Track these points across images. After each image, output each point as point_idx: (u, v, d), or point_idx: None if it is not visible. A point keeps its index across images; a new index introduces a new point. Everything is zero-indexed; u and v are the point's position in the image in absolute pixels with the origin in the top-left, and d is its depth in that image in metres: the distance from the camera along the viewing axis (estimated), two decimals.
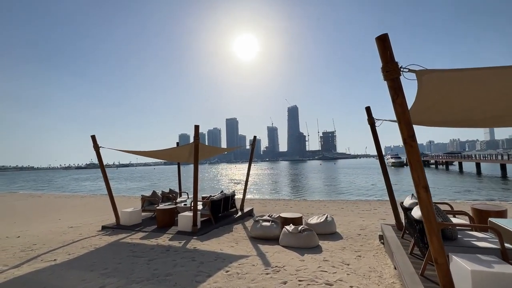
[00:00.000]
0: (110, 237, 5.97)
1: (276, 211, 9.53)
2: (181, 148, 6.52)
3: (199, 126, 5.75)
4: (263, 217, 6.22)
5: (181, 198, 9.18)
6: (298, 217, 5.99)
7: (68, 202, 15.07)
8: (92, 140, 6.83)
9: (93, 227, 7.29)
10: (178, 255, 4.46)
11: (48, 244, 5.53)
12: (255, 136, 8.92)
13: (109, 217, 8.44)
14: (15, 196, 20.18)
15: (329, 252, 4.53)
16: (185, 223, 6.20)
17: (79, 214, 10.14)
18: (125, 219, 7.01)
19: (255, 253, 4.53)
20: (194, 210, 6.04)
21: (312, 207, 10.79)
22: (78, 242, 5.58)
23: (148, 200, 8.03)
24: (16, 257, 4.75)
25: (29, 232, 6.94)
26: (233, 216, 7.73)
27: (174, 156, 7.53)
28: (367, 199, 14.41)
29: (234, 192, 8.06)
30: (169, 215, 6.78)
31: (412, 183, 2.21)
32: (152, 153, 6.98)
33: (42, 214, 10.63)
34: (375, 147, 5.41)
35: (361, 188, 20.03)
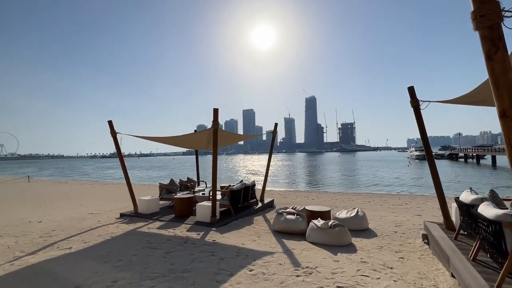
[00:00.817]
0: (128, 225, 5.77)
1: (297, 203, 9.01)
2: (199, 134, 6.12)
3: (218, 110, 5.28)
4: (287, 209, 5.73)
5: (199, 187, 8.91)
6: (326, 210, 5.43)
7: (91, 188, 15.48)
8: (109, 126, 6.61)
9: (112, 214, 7.19)
10: (196, 248, 4.10)
11: (67, 231, 5.42)
12: (276, 124, 8.34)
13: (128, 204, 8.35)
14: (44, 182, 21.20)
15: (365, 252, 3.96)
16: (203, 213, 5.86)
17: (101, 201, 10.23)
18: (143, 207, 6.81)
19: (281, 249, 4.06)
20: (213, 200, 5.67)
21: (336, 200, 10.15)
22: (95, 230, 5.42)
23: (166, 189, 7.80)
24: (34, 243, 4.63)
25: (51, 218, 6.96)
26: (253, 207, 7.32)
27: (192, 143, 7.17)
28: (395, 192, 13.46)
29: (254, 182, 7.62)
30: (187, 204, 6.48)
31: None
32: (169, 139, 6.66)
33: (66, 200, 10.86)
34: (419, 134, 4.66)
35: (385, 181, 18.93)
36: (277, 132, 8.20)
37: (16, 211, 8.21)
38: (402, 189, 14.93)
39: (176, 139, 6.66)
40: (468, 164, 36.53)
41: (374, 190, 14.45)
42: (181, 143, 7.17)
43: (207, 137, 6.41)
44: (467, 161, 41.50)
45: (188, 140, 6.75)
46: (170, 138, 6.57)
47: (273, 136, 8.27)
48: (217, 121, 5.30)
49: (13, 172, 39.57)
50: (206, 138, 6.53)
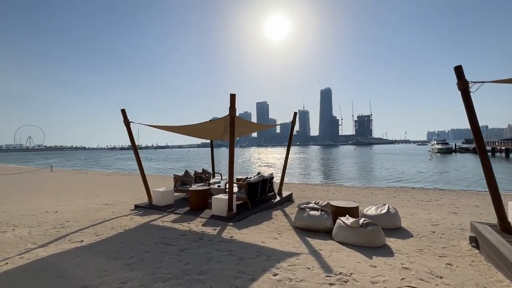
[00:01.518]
0: (141, 217, 5.55)
1: (316, 198, 8.53)
2: (215, 123, 5.72)
3: (235, 95, 4.84)
4: (309, 204, 5.27)
5: (214, 179, 8.61)
6: (354, 207, 4.91)
7: (109, 179, 15.74)
8: (122, 114, 6.36)
9: (127, 205, 7.04)
10: (212, 246, 3.75)
11: (80, 222, 5.27)
12: (295, 113, 7.81)
13: (143, 195, 8.22)
14: (66, 172, 21.95)
15: (404, 256, 3.45)
16: (219, 206, 5.52)
17: (117, 192, 10.24)
18: (157, 199, 6.59)
19: (306, 249, 3.63)
20: (230, 192, 5.30)
21: (357, 195, 9.55)
22: (108, 222, 5.23)
23: (181, 180, 7.55)
24: (47, 234, 4.49)
25: (67, 208, 6.91)
26: (271, 201, 6.91)
27: (207, 132, 6.81)
28: (418, 187, 12.59)
29: (272, 175, 7.19)
30: (202, 197, 6.17)
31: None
32: (184, 129, 6.33)
33: (85, 190, 10.99)
34: (468, 120, 3.99)
35: (406, 175, 17.90)
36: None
37: (35, 200, 8.31)
38: (426, 184, 13.98)
39: (191, 128, 6.31)
40: (496, 158, 34.12)
41: (397, 185, 13.62)
42: (196, 132, 6.83)
43: (224, 125, 6.01)
44: (495, 155, 38.82)
45: (204, 129, 6.39)
46: (185, 127, 6.24)
47: (292, 126, 7.76)
48: (234, 108, 4.87)
49: (39, 163, 41.55)
50: (222, 127, 6.14)
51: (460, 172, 19.16)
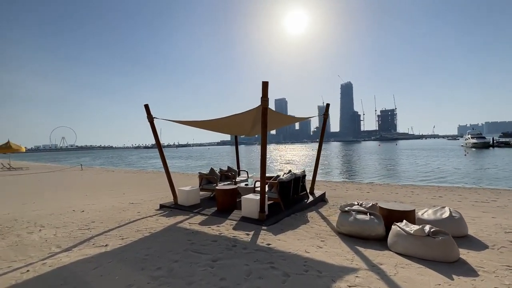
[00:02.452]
0: (167, 219, 5.20)
1: (350, 197, 7.80)
2: (244, 115, 5.19)
3: (268, 83, 4.27)
4: (353, 206, 4.61)
5: (240, 177, 8.15)
6: (410, 210, 4.16)
7: (134, 177, 15.93)
8: (146, 110, 6.05)
9: (152, 204, 6.78)
10: (249, 255, 3.25)
11: (106, 223, 5.02)
12: (328, 104, 7.10)
13: (168, 194, 7.96)
14: (95, 170, 22.76)
15: (493, 275, 2.71)
16: (250, 208, 5.02)
17: (142, 190, 10.15)
18: (183, 198, 6.25)
19: (363, 264, 3.00)
20: (262, 192, 4.77)
21: (396, 194, 8.63)
22: (134, 223, 4.92)
23: (206, 178, 7.16)
24: (72, 237, 4.24)
25: (94, 207, 6.79)
26: (304, 201, 6.30)
27: (234, 126, 6.32)
28: (461, 185, 11.29)
29: (304, 172, 6.57)
30: (231, 196, 5.71)
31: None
32: (209, 123, 5.89)
33: (111, 187, 11.06)
34: None
35: (444, 172, 16.33)
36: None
37: (64, 199, 8.36)
38: (469, 182, 12.56)
39: (217, 123, 5.86)
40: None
41: (435, 183, 12.36)
42: (222, 127, 6.36)
43: (253, 118, 5.47)
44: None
45: (230, 123, 5.89)
46: (211, 122, 5.80)
47: (325, 119, 7.07)
48: (266, 97, 4.30)
49: (71, 161, 43.92)
50: (251, 120, 5.60)
51: (505, 168, 17.20)
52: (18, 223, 5.27)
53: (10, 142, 24.97)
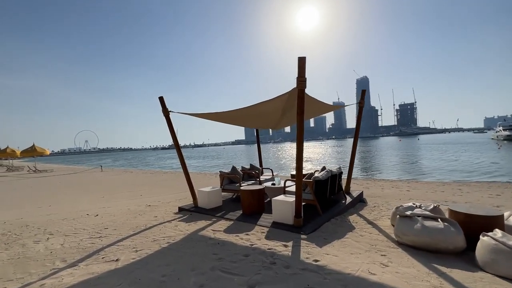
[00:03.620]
0: (188, 224, 4.54)
1: (389, 196, 6.85)
2: (272, 103, 4.34)
3: (305, 60, 3.46)
4: (414, 209, 3.71)
5: (264, 176, 7.39)
6: (498, 215, 3.20)
7: (152, 177, 15.66)
8: (161, 103, 5.43)
9: (170, 207, 6.19)
10: (296, 278, 2.47)
11: (119, 230, 4.44)
12: (364, 90, 6.18)
13: (187, 195, 7.37)
14: (114, 171, 22.94)
15: None
16: (283, 212, 4.25)
17: (159, 190, 9.68)
18: (203, 200, 5.59)
19: None
20: (299, 194, 3.98)
21: (442, 192, 7.53)
22: (150, 230, 4.30)
23: (228, 178, 6.47)
24: (80, 248, 3.67)
25: (109, 210, 6.30)
26: (342, 202, 5.45)
27: (259, 118, 5.53)
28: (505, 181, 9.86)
29: (341, 169, 5.70)
30: (258, 198, 4.97)
31: None
32: (229, 115, 5.16)
33: (129, 188, 10.71)
34: None
35: (482, 168, 14.68)
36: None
37: (80, 201, 8.01)
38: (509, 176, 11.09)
39: (239, 114, 5.11)
40: None
41: (479, 178, 10.97)
42: (244, 119, 5.60)
43: (283, 105, 4.63)
44: None
45: (255, 113, 5.11)
46: (231, 114, 5.07)
47: (361, 107, 6.15)
48: (303, 77, 3.49)
49: (93, 163, 45.23)
50: (281, 108, 4.77)
51: None
52: (28, 229, 4.82)
53: (35, 146, 25.81)
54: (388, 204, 5.95)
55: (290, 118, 5.65)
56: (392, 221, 4.27)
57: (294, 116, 5.54)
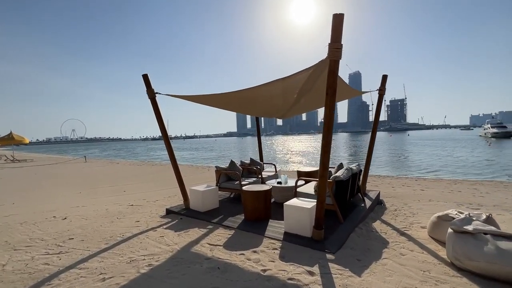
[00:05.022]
0: (177, 235, 3.60)
1: (406, 197, 6.09)
2: (288, 83, 3.33)
3: (343, 17, 2.51)
4: (470, 221, 2.89)
5: (266, 172, 6.49)
6: None
7: (139, 169, 14.52)
8: (145, 82, 4.38)
9: (157, 207, 5.23)
10: None
11: (88, 242, 3.45)
12: (385, 76, 5.30)
13: (177, 191, 6.40)
14: (99, 162, 21.53)
15: None
16: (299, 221, 3.37)
17: (146, 185, 8.65)
18: (197, 201, 4.65)
19: None
20: (321, 199, 3.09)
21: (459, 192, 6.84)
22: (128, 243, 3.33)
23: (226, 174, 5.53)
24: (27, 272, 2.68)
25: (82, 211, 5.26)
26: (361, 206, 4.63)
27: (265, 103, 4.54)
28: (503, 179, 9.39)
29: (360, 167, 4.84)
30: (264, 201, 4.06)
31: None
32: (229, 98, 4.15)
33: (112, 182, 9.62)
34: None
35: (478, 164, 14.31)
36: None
37: (52, 197, 6.90)
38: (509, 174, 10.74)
39: (242, 97, 4.12)
40: None
41: (486, 177, 10.47)
42: (246, 103, 4.59)
43: (301, 85, 3.60)
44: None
45: (262, 96, 4.10)
46: (232, 96, 4.06)
47: (381, 94, 5.28)
48: (339, 43, 2.54)
49: (79, 153, 43.18)
50: (297, 88, 3.75)
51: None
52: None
53: (13, 133, 23.93)
54: (409, 206, 5.19)
55: (305, 104, 4.68)
56: (431, 233, 3.48)
57: (313, 101, 4.58)
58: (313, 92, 3.85)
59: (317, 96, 4.05)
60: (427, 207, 5.18)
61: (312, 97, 4.17)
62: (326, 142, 2.89)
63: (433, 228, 3.44)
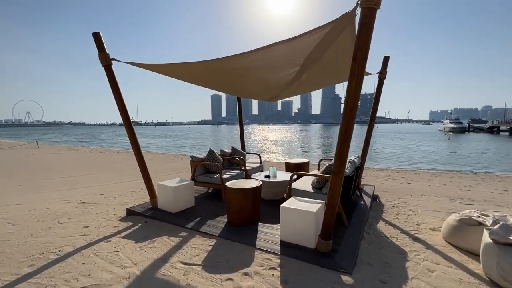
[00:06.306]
0: (138, 248, 2.68)
1: (396, 191, 5.75)
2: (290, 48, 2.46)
3: None
4: (505, 226, 2.37)
5: (251, 163, 5.68)
6: None
7: (101, 157, 12.89)
8: (96, 43, 3.25)
9: (115, 205, 4.21)
10: None
11: (4, 265, 2.41)
12: (387, 57, 4.70)
13: (142, 184, 5.38)
14: (54, 148, 19.05)
15: None
16: (300, 228, 2.64)
17: (107, 176, 7.40)
18: (167, 200, 3.72)
19: None
20: (333, 202, 2.37)
21: (445, 186, 6.69)
22: (63, 265, 2.35)
23: (203, 166, 4.63)
24: None
25: (12, 212, 4.05)
26: (360, 203, 4.07)
27: (249, 78, 3.60)
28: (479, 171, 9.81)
29: (360, 159, 4.24)
30: (253, 201, 3.27)
31: None
32: (204, 68, 3.19)
33: (65, 172, 8.16)
34: None
35: (445, 156, 15.11)
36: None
37: None
38: (476, 167, 11.37)
39: (228, 68, 3.19)
40: None
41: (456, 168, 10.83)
42: (230, 78, 3.64)
43: (308, 53, 2.68)
44: None
45: (253, 69, 3.17)
46: (211, 65, 3.11)
47: (381, 78, 4.68)
48: None
49: (33, 138, 38.56)
50: (302, 58, 2.82)
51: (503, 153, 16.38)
52: None
53: None
54: (404, 202, 4.80)
55: (305, 82, 3.82)
56: (448, 238, 2.98)
57: (315, 78, 3.74)
58: (318, 66, 3.06)
59: (322, 72, 3.26)
60: (422, 202, 4.83)
61: (315, 73, 3.38)
62: (346, 129, 2.14)
63: (452, 232, 2.94)
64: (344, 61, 2.67)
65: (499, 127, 42.81)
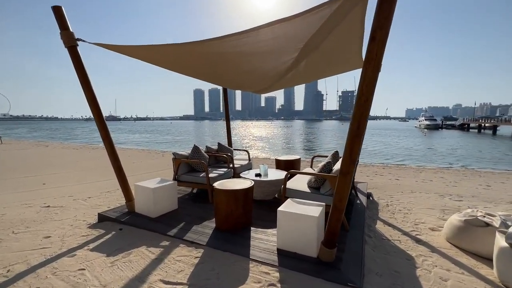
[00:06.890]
0: (110, 264, 2.25)
1: (386, 188, 5.67)
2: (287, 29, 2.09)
3: None
4: (494, 222, 2.21)
5: (239, 161, 5.30)
6: None
7: (74, 154, 11.91)
8: (57, 19, 2.71)
9: (85, 209, 3.69)
10: None
11: None
12: None
13: (117, 184, 4.84)
14: (20, 144, 17.48)
15: None
16: (300, 235, 2.33)
17: (78, 174, 6.72)
18: (146, 203, 3.28)
19: None
20: (340, 206, 2.09)
21: (431, 182, 6.74)
22: None
23: (187, 164, 4.20)
24: None
25: None
26: (356, 203, 3.86)
27: (239, 65, 3.17)
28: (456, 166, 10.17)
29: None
30: (244, 203, 2.92)
31: None
32: (186, 51, 2.76)
33: (30, 170, 7.32)
34: None
35: (424, 153, 15.68)
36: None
37: None
38: (451, 162, 11.90)
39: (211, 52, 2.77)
40: (485, 135, 33.34)
41: (439, 164, 11.15)
42: (216, 65, 3.19)
43: (310, 35, 2.29)
44: (481, 131, 38.74)
45: (244, 54, 2.75)
46: (193, 48, 2.70)
47: None
48: None
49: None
50: (304, 40, 2.43)
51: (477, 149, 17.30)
52: None
53: None
54: (397, 200, 4.70)
55: (303, 71, 3.46)
56: (452, 239, 2.82)
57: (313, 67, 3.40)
58: (319, 52, 2.73)
59: (322, 59, 2.94)
60: (414, 199, 4.75)
61: (314, 61, 3.04)
62: (359, 124, 1.84)
63: (456, 234, 2.78)
64: (351, 47, 2.36)
65: (469, 124, 45.81)
